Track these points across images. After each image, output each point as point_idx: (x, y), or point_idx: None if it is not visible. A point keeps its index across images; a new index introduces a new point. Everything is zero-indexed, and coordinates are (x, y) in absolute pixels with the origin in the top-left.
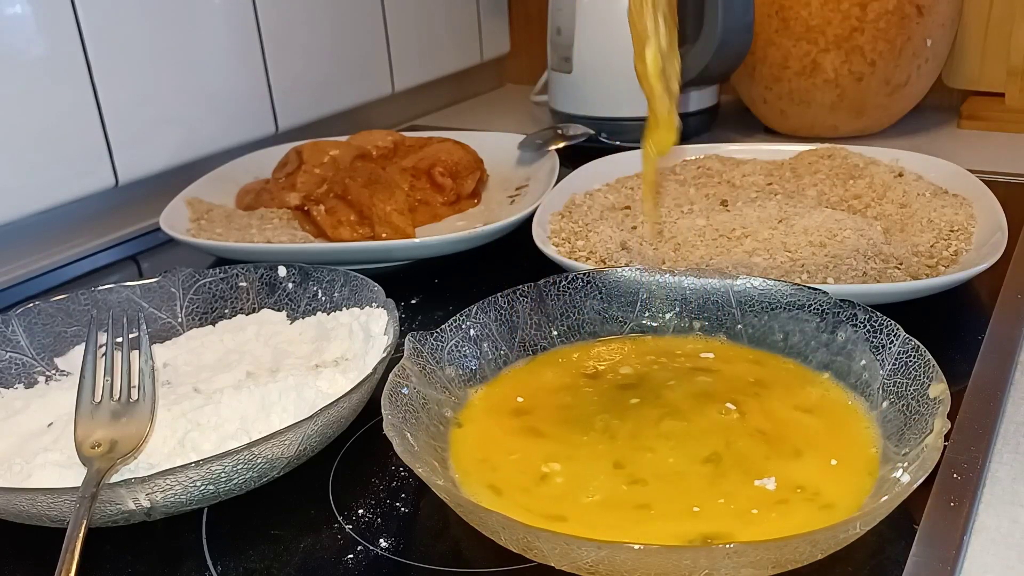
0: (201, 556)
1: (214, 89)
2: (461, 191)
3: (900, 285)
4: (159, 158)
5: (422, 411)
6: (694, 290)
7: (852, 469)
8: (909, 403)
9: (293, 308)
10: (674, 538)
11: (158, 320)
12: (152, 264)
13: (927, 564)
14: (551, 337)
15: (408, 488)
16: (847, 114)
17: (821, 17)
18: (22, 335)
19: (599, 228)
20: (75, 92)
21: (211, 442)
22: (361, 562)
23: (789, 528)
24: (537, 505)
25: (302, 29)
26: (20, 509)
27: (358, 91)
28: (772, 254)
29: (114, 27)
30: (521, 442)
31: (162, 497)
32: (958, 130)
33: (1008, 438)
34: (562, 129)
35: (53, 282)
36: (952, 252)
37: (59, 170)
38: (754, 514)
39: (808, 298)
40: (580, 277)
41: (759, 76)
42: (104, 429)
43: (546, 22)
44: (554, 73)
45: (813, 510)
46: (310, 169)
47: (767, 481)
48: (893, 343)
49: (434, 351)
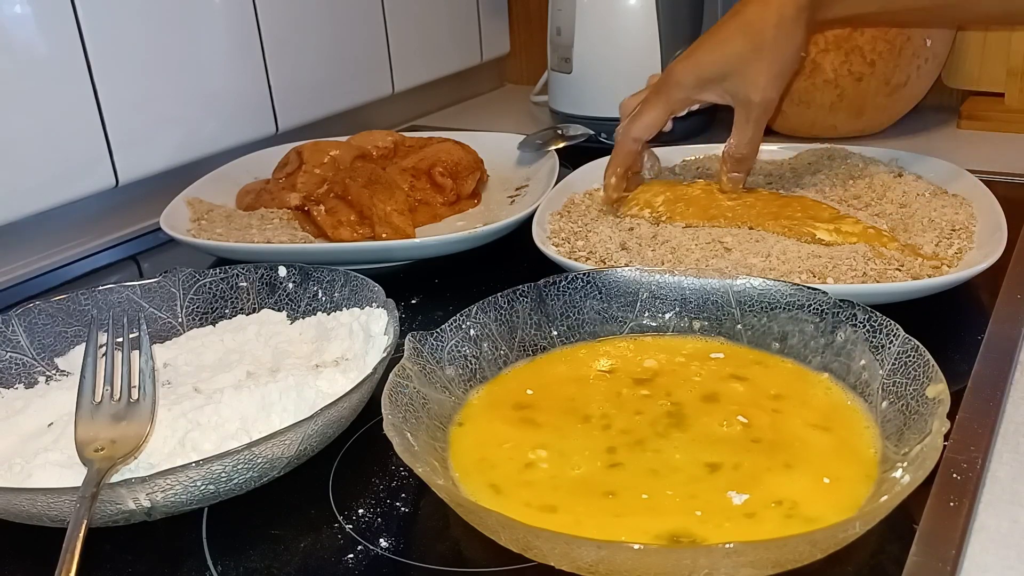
0: (201, 556)
1: (214, 89)
2: (461, 191)
3: (900, 285)
4: (159, 158)
5: (422, 411)
6: (694, 290)
7: (843, 491)
8: (908, 403)
9: (293, 308)
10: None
11: (158, 320)
12: (152, 264)
13: (927, 564)
14: (551, 337)
15: (408, 488)
16: (847, 114)
17: None
18: (22, 335)
19: (599, 228)
20: (75, 92)
21: (211, 442)
22: (361, 562)
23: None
24: (537, 499)
25: (302, 29)
26: (20, 509)
27: (358, 91)
28: (768, 257)
29: (114, 27)
30: (515, 432)
31: (162, 497)
32: (958, 130)
33: (1008, 438)
34: (562, 129)
35: (53, 282)
36: (955, 251)
37: (59, 170)
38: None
39: (808, 298)
40: (580, 277)
41: None
42: (104, 429)
43: (546, 22)
44: (554, 73)
45: (785, 521)
46: (310, 169)
47: (746, 496)
48: (892, 343)
49: (434, 351)
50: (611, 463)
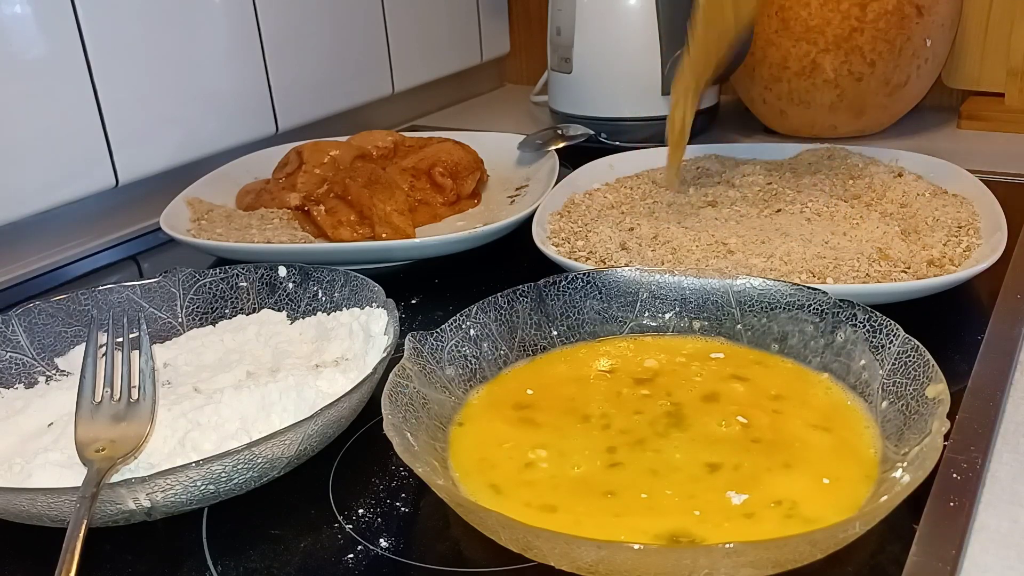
0: (201, 556)
1: (214, 89)
2: (461, 191)
3: (899, 285)
4: (159, 158)
5: (422, 411)
6: (694, 290)
7: (843, 491)
8: (908, 403)
9: (293, 308)
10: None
11: (158, 320)
12: (152, 264)
13: (927, 564)
14: (551, 337)
15: (408, 488)
16: (847, 114)
17: (821, 17)
18: (22, 335)
19: (599, 228)
20: (75, 92)
21: (211, 442)
22: (361, 562)
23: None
24: (536, 499)
25: (302, 29)
26: (20, 509)
27: (358, 91)
28: (770, 258)
29: (114, 27)
30: (515, 431)
31: (162, 497)
32: (958, 130)
33: (1008, 438)
34: (562, 129)
35: (53, 282)
36: (964, 248)
37: (59, 170)
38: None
39: (808, 298)
40: (580, 277)
41: (759, 76)
42: (104, 429)
43: (546, 22)
44: (554, 73)
45: (785, 522)
46: (310, 169)
47: (745, 496)
48: (892, 343)
49: (434, 351)
50: (611, 463)
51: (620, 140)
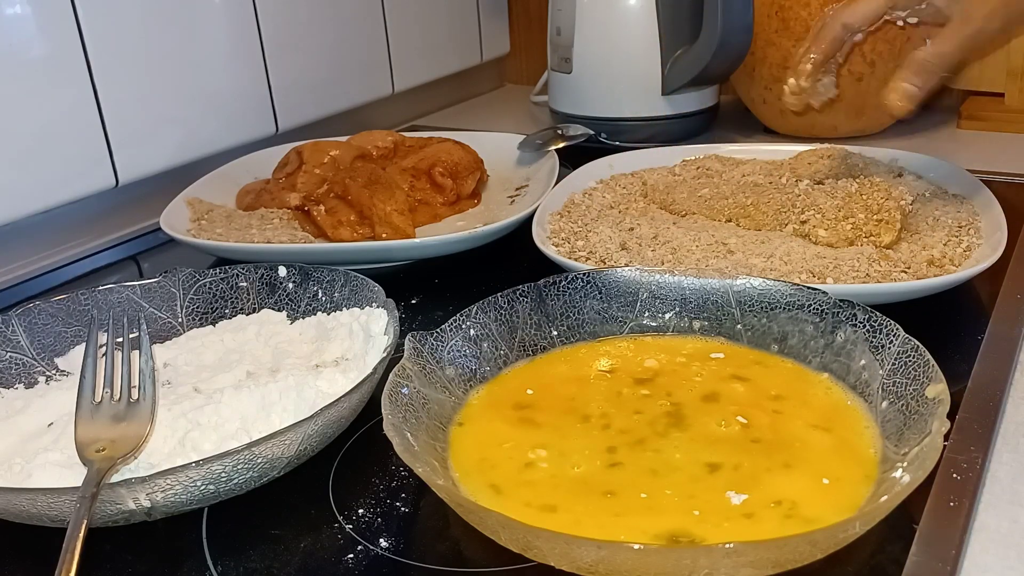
0: (201, 556)
1: (214, 89)
2: (461, 191)
3: (899, 285)
4: (159, 158)
5: (422, 411)
6: (694, 290)
7: (842, 491)
8: (908, 403)
9: (293, 308)
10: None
11: (158, 320)
12: (152, 264)
13: (927, 564)
14: (551, 337)
15: (408, 488)
16: (847, 114)
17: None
18: (22, 335)
19: (599, 228)
20: (75, 92)
21: (211, 442)
22: (361, 562)
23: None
24: (536, 499)
25: (302, 29)
26: (20, 509)
27: (358, 91)
28: (770, 258)
29: (114, 27)
30: (515, 431)
31: (162, 497)
32: (958, 130)
33: (1008, 438)
34: (562, 129)
35: (53, 282)
36: (964, 248)
37: (59, 170)
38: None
39: (808, 298)
40: (580, 277)
41: (759, 76)
42: (104, 429)
43: (546, 22)
44: (554, 73)
45: (785, 522)
46: (310, 169)
47: (745, 496)
48: (892, 343)
49: (434, 351)
50: (611, 463)
51: (620, 140)
